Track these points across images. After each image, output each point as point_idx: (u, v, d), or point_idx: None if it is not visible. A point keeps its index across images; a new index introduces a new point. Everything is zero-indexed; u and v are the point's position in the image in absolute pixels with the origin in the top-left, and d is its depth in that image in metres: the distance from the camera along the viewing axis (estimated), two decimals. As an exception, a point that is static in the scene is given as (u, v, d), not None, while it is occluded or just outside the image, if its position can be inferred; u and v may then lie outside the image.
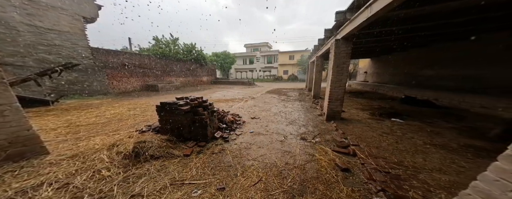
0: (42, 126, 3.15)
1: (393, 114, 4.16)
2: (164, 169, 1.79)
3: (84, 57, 7.52)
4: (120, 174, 1.69)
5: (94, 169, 1.75)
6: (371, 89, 10.38)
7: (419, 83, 6.89)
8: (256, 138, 2.81)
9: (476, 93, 4.52)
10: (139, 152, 1.85)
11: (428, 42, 5.99)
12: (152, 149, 1.90)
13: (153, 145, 1.94)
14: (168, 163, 1.88)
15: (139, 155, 1.84)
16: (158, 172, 1.74)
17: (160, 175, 1.70)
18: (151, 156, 1.88)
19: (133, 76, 10.04)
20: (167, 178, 1.65)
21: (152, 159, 1.91)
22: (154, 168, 1.79)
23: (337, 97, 3.80)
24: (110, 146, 2.02)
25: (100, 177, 1.65)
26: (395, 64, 9.02)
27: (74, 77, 7.20)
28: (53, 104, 5.27)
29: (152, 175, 1.70)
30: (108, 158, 1.88)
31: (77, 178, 1.61)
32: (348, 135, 2.84)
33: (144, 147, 1.91)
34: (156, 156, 1.90)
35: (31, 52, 6.00)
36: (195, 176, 1.69)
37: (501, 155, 0.86)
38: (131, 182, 1.60)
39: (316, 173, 1.80)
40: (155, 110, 2.35)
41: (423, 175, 1.73)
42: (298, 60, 25.98)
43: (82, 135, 2.73)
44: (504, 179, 0.83)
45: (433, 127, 3.24)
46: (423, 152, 2.23)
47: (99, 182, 1.58)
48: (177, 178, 1.65)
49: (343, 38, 3.52)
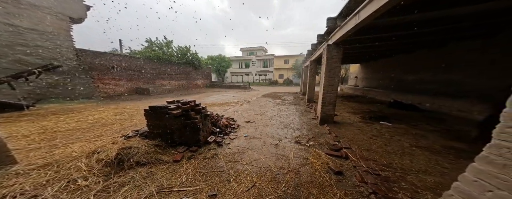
0: (12, 133, 2.88)
1: (382, 117, 4.34)
2: (151, 176, 1.69)
3: (68, 59, 7.12)
4: (100, 183, 1.57)
5: (68, 178, 1.61)
6: (362, 93, 10.81)
7: (404, 88, 7.28)
8: (250, 142, 2.77)
9: (455, 98, 4.88)
10: (123, 159, 1.73)
11: (411, 49, 6.44)
12: (138, 155, 1.79)
13: (140, 151, 1.83)
14: (156, 169, 1.78)
15: (122, 162, 1.72)
16: (144, 180, 1.63)
17: (146, 182, 1.60)
18: (137, 163, 1.77)
19: (122, 79, 9.64)
20: (154, 185, 1.55)
21: (137, 166, 1.79)
22: (140, 176, 1.69)
23: (329, 101, 3.91)
24: (90, 153, 1.87)
25: (75, 187, 1.51)
26: (382, 70, 9.53)
27: (55, 80, 6.72)
28: (28, 108, 4.87)
29: (137, 183, 1.60)
30: (87, 166, 1.74)
31: (47, 190, 1.46)
32: (341, 138, 2.90)
33: (129, 153, 1.79)
34: (143, 162, 1.79)
35: (7, 52, 5.57)
36: (185, 182, 1.60)
37: (477, 156, 0.91)
38: (112, 191, 1.48)
39: (310, 177, 1.80)
40: (144, 114, 2.24)
41: (410, 176, 1.79)
42: (293, 65, 26.58)
43: (59, 142, 2.52)
44: (481, 180, 0.88)
45: (418, 129, 3.42)
46: (410, 154, 2.33)
47: (73, 193, 1.44)
48: (165, 185, 1.56)
49: (334, 43, 3.69)
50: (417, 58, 6.74)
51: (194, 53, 16.01)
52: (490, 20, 3.10)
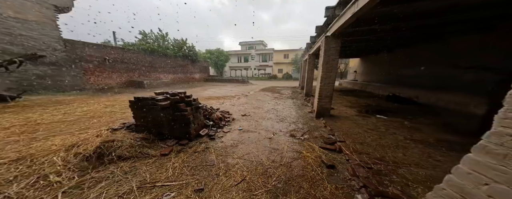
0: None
1: (378, 110, 4.32)
2: (133, 171, 1.62)
3: (55, 49, 6.78)
4: (74, 179, 1.48)
5: (40, 174, 1.50)
6: (360, 87, 10.77)
7: (402, 82, 7.25)
8: (244, 135, 2.73)
9: (452, 92, 4.85)
10: (103, 153, 1.65)
11: (409, 43, 6.29)
12: (121, 149, 1.71)
13: (123, 144, 1.75)
14: (140, 164, 1.72)
15: (103, 156, 1.64)
16: (125, 175, 1.56)
17: (127, 177, 1.52)
18: (119, 157, 1.69)
19: (115, 72, 9.34)
20: (135, 180, 1.48)
21: (120, 160, 1.72)
22: (121, 170, 1.61)
23: (326, 94, 3.84)
24: (70, 147, 1.78)
25: (45, 183, 1.41)
26: (380, 64, 9.42)
27: (43, 71, 6.46)
28: (13, 100, 4.70)
29: (116, 178, 1.52)
30: (63, 160, 1.64)
31: (13, 186, 1.35)
32: (336, 131, 2.87)
33: (111, 146, 1.71)
34: (126, 156, 1.72)
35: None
36: (170, 177, 1.55)
37: (474, 146, 0.84)
38: (86, 187, 1.40)
39: (302, 171, 1.77)
40: (129, 105, 2.13)
41: (402, 169, 1.77)
42: (293, 59, 26.22)
43: (40, 135, 2.41)
44: (477, 172, 0.81)
45: (413, 123, 3.40)
46: (404, 147, 2.31)
47: (41, 190, 1.34)
48: (148, 180, 1.50)
49: (332, 35, 3.55)
50: (416, 52, 6.64)
51: (190, 46, 15.58)
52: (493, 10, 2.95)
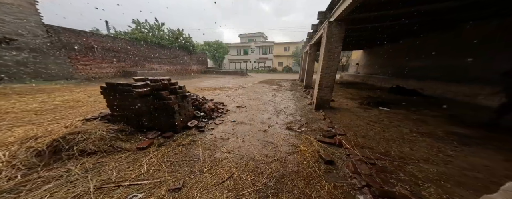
0: None
1: (381, 102, 4.10)
2: (97, 168, 1.39)
3: (36, 35, 6.29)
4: (16, 178, 1.23)
5: None
6: (362, 80, 10.49)
7: (407, 73, 6.96)
8: (237, 127, 2.53)
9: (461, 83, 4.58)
10: (61, 148, 1.42)
11: (417, 32, 5.86)
12: (86, 143, 1.48)
13: (91, 137, 1.52)
14: (109, 159, 1.50)
15: (60, 151, 1.41)
16: (85, 173, 1.33)
17: (86, 176, 1.29)
18: (82, 152, 1.47)
19: (105, 61, 8.90)
20: (96, 180, 1.26)
21: (84, 156, 1.49)
22: (81, 168, 1.38)
23: (327, 84, 3.58)
24: (27, 139, 1.54)
25: None
26: (384, 56, 9.02)
27: (24, 58, 6.04)
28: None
29: (72, 177, 1.28)
30: (10, 155, 1.39)
31: None
32: (336, 124, 2.66)
33: (74, 139, 1.47)
34: (91, 151, 1.49)
35: None
36: (143, 174, 1.34)
37: None
38: (26, 190, 1.15)
39: (297, 167, 1.58)
40: (100, 92, 1.86)
41: (410, 166, 1.58)
42: (293, 52, 25.52)
43: (4, 124, 2.18)
44: None
45: (419, 115, 3.19)
46: (410, 140, 2.11)
47: None
48: (113, 179, 1.28)
49: (336, 20, 3.22)
50: (423, 43, 6.26)
51: (187, 37, 14.88)
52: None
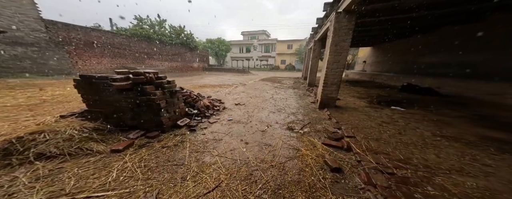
0: None
1: (393, 102, 3.73)
2: (53, 176, 1.16)
3: (34, 29, 6.28)
4: None
5: None
6: (369, 78, 10.00)
7: (420, 71, 6.49)
8: (233, 127, 2.29)
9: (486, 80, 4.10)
10: (12, 151, 1.22)
11: (434, 25, 5.36)
12: (47, 144, 1.28)
13: (56, 137, 1.31)
14: (73, 164, 1.28)
15: (10, 154, 1.22)
16: (34, 182, 1.10)
17: (33, 187, 1.05)
18: (40, 155, 1.26)
19: (105, 57, 8.89)
20: (44, 191, 1.02)
21: (42, 160, 1.28)
22: (31, 175, 1.15)
23: (333, 81, 3.26)
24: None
25: None
26: (396, 52, 8.51)
27: (22, 53, 6.05)
28: None
29: (14, 188, 1.05)
30: None
31: None
32: (343, 124, 2.36)
33: (33, 141, 1.27)
34: (52, 154, 1.28)
35: None
36: (110, 183, 1.12)
37: None
38: None
39: (298, 175, 1.33)
40: (73, 85, 1.66)
41: (440, 177, 1.28)
42: (297, 50, 25.04)
43: None
44: None
45: (439, 115, 2.81)
46: (435, 145, 1.79)
47: None
48: (68, 189, 1.04)
49: (345, 10, 2.88)
50: (440, 37, 5.74)
51: (189, 34, 14.82)
52: None
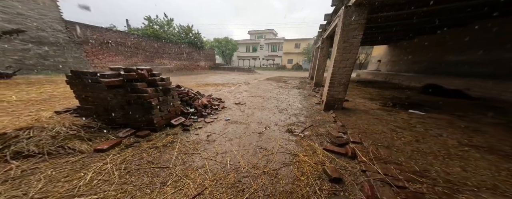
0: None
1: (411, 104, 3.33)
2: (22, 178, 1.10)
3: (56, 30, 6.81)
4: None
5: None
6: (384, 78, 9.28)
7: (446, 70, 5.83)
8: (229, 127, 2.19)
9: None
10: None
11: (465, 19, 4.70)
12: (29, 142, 1.24)
13: (41, 135, 1.29)
14: (50, 164, 1.23)
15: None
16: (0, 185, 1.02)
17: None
18: (18, 154, 1.22)
19: (118, 56, 9.35)
20: (5, 196, 0.94)
21: (19, 159, 1.24)
22: (1, 176, 1.09)
23: (340, 81, 3.00)
24: None
25: None
26: (417, 50, 7.76)
27: (45, 51, 6.61)
28: (9, 77, 4.88)
29: None
30: None
31: None
32: (349, 128, 2.13)
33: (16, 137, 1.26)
34: (30, 153, 1.24)
35: None
36: (81, 187, 1.05)
37: None
38: None
39: (291, 184, 1.17)
40: (65, 81, 1.67)
41: (464, 195, 1.05)
42: (304, 49, 24.36)
43: None
44: None
45: (469, 121, 2.43)
46: (461, 157, 1.51)
47: None
48: (31, 194, 0.96)
49: (355, 4, 2.60)
50: (472, 31, 5.05)
51: (196, 33, 15.12)
52: None
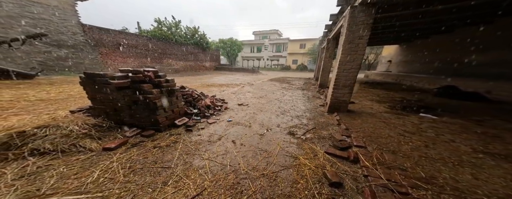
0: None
1: (422, 107, 3.16)
2: (36, 174, 1.16)
3: (74, 33, 7.26)
4: None
5: None
6: (395, 79, 8.88)
7: (464, 71, 5.48)
8: (231, 128, 2.21)
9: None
10: (9, 145, 1.26)
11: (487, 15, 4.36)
12: (45, 140, 1.33)
13: (56, 133, 1.38)
14: (62, 161, 1.31)
15: (9, 148, 1.26)
16: (18, 180, 1.09)
17: (13, 185, 1.04)
18: (34, 151, 1.30)
19: (129, 57, 9.79)
20: (20, 191, 0.99)
21: (35, 155, 1.31)
22: (18, 172, 1.16)
23: (345, 83, 2.92)
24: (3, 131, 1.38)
25: None
26: (431, 50, 7.37)
27: (64, 53, 7.06)
28: (32, 78, 5.21)
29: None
30: None
31: None
32: (354, 131, 2.07)
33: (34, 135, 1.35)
34: (45, 150, 1.31)
35: (13, 24, 5.75)
36: (88, 185, 1.10)
37: None
38: None
39: (290, 187, 1.17)
40: (79, 82, 1.78)
41: (478, 209, 0.98)
42: (310, 49, 23.98)
43: (9, 112, 2.25)
44: None
45: (486, 127, 2.27)
46: (473, 164, 1.42)
47: None
48: (43, 190, 1.03)
49: (361, 4, 2.53)
50: (496, 30, 4.68)
51: (202, 34, 15.45)
52: None
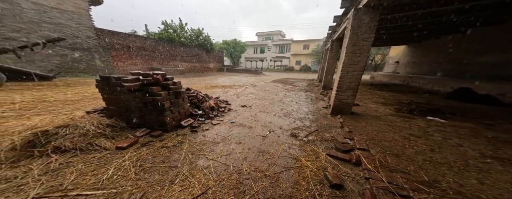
0: (7, 99, 2.93)
1: (431, 110, 3.07)
2: (59, 170, 1.26)
3: (88, 37, 7.64)
4: None
5: None
6: (402, 81, 8.61)
7: (476, 73, 5.26)
8: (234, 129, 2.27)
9: None
10: (35, 143, 1.36)
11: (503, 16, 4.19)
12: (65, 139, 1.42)
13: (74, 132, 1.48)
14: (81, 159, 1.40)
15: (35, 146, 1.36)
16: (43, 175, 1.19)
17: (39, 179, 1.14)
18: (56, 149, 1.40)
19: (138, 59, 10.17)
20: (43, 187, 1.08)
21: (57, 153, 1.41)
22: (43, 168, 1.25)
23: (349, 85, 2.91)
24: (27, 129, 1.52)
25: None
26: (441, 50, 7.12)
27: (79, 56, 7.46)
28: (50, 80, 5.51)
29: (25, 180, 1.14)
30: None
31: None
32: (357, 134, 2.07)
33: (56, 134, 1.44)
34: (66, 148, 1.41)
35: (35, 29, 6.16)
36: (104, 181, 1.19)
37: None
38: None
39: (291, 188, 1.20)
40: (95, 85, 1.91)
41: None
42: (313, 50, 23.76)
43: (31, 112, 2.43)
44: None
45: (497, 131, 2.18)
46: (480, 169, 1.39)
47: None
48: (65, 185, 1.10)
49: (366, 6, 2.52)
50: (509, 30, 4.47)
51: (206, 36, 15.75)
52: None
